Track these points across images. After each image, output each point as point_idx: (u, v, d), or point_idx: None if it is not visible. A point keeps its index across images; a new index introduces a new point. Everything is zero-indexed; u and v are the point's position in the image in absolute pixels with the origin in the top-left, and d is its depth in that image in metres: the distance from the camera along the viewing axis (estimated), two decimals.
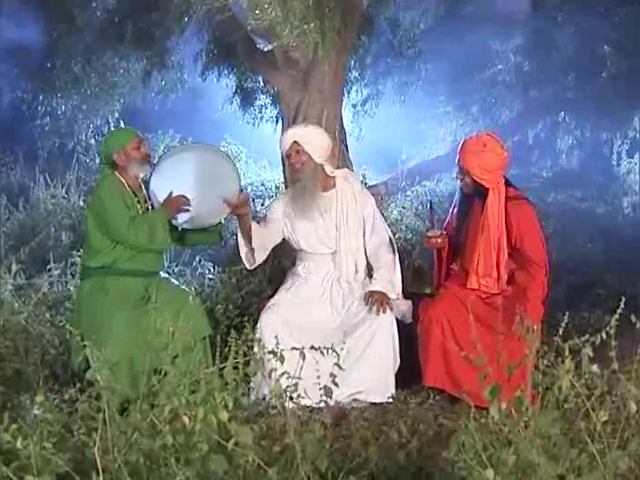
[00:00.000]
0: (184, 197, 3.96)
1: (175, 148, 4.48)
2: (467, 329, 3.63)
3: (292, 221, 4.16)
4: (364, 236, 4.16)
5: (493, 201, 3.96)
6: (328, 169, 4.16)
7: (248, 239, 4.09)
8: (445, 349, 3.87)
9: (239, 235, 4.13)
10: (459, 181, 4.07)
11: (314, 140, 4.08)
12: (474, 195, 4.04)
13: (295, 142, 4.06)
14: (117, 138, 4.03)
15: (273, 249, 4.28)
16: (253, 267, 4.22)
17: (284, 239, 4.24)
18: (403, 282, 4.20)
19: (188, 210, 3.97)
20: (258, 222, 4.19)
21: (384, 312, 3.91)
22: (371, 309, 3.92)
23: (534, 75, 10.45)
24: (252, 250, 4.11)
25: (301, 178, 4.10)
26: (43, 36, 7.19)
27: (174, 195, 3.96)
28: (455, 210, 4.20)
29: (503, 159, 3.97)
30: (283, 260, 5.05)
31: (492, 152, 3.94)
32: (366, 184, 8.70)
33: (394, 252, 4.18)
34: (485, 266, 3.99)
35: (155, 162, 4.08)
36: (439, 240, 4.11)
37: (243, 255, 4.15)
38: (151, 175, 4.04)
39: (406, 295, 4.20)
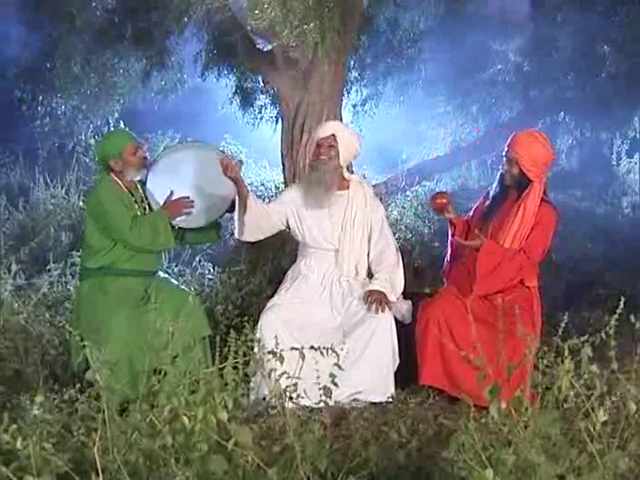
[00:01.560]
0: (186, 199, 3.96)
1: (171, 147, 4.47)
2: (465, 329, 3.66)
3: (300, 211, 4.18)
4: (369, 242, 4.17)
5: (534, 195, 4.02)
6: (346, 173, 4.20)
7: (243, 210, 4.06)
8: (443, 348, 3.87)
9: (236, 204, 4.10)
10: (503, 172, 4.09)
11: (349, 144, 4.12)
12: (513, 188, 4.07)
13: (333, 135, 4.09)
14: (113, 143, 3.98)
15: (273, 250, 4.28)
16: (240, 238, 4.21)
17: (289, 231, 4.25)
18: (404, 283, 4.19)
19: (191, 212, 3.97)
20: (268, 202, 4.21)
21: (382, 311, 3.91)
22: (370, 308, 3.92)
23: (534, 75, 10.44)
24: (244, 223, 4.10)
25: (321, 170, 4.10)
26: (42, 36, 7.18)
27: (175, 197, 3.96)
28: (486, 201, 4.20)
29: (551, 155, 4.07)
30: (283, 260, 5.05)
31: (543, 146, 4.04)
32: None
33: (398, 257, 4.19)
34: None
35: (151, 163, 4.08)
36: (444, 200, 4.15)
37: (236, 224, 4.14)
38: (148, 174, 4.03)
39: (406, 295, 4.20)
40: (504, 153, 4.08)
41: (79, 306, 3.95)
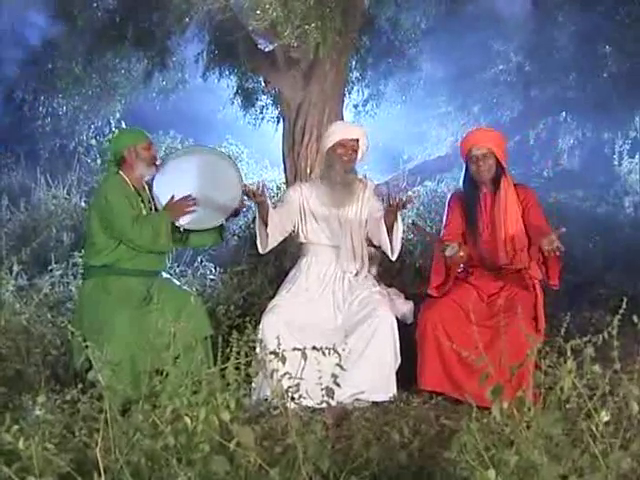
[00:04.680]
0: (188, 197, 3.98)
1: (178, 151, 4.50)
2: (465, 331, 3.66)
3: (309, 209, 4.22)
4: (369, 232, 4.17)
5: (509, 182, 4.11)
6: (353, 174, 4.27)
7: (264, 224, 4.09)
8: (442, 351, 3.87)
9: (257, 221, 4.13)
10: (475, 170, 4.08)
11: (366, 149, 4.24)
12: (487, 182, 4.10)
13: (357, 140, 4.17)
14: (130, 136, 4.09)
15: (274, 250, 4.29)
16: (265, 251, 4.21)
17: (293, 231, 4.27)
18: (404, 283, 4.20)
19: (193, 211, 3.99)
20: (275, 206, 4.23)
21: (404, 207, 3.87)
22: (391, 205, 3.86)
23: (535, 75, 10.44)
24: (267, 235, 4.11)
25: (347, 172, 4.19)
26: (44, 36, 7.18)
27: (177, 198, 3.98)
28: (460, 207, 4.18)
29: (506, 141, 4.23)
30: (285, 261, 5.05)
31: (500, 134, 4.21)
32: None
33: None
34: (518, 242, 4.07)
35: (159, 164, 4.11)
36: (461, 254, 3.96)
37: (259, 241, 4.15)
38: (154, 177, 4.06)
39: (407, 296, 4.20)
40: (470, 153, 4.08)
41: (81, 306, 3.95)
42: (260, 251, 4.20)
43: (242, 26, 5.49)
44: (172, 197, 4.02)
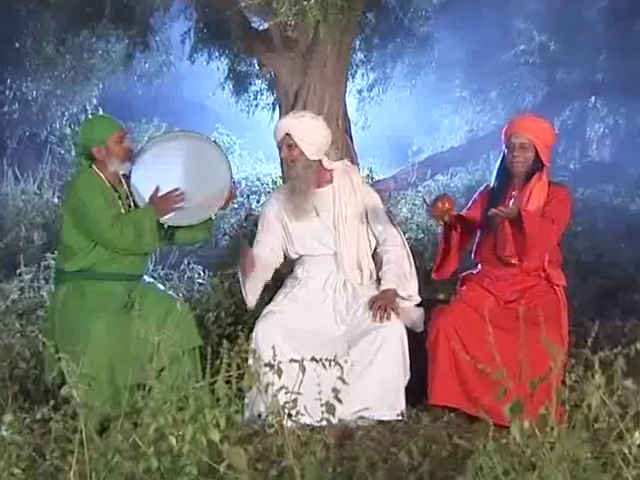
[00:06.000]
0: (175, 192, 3.97)
1: (158, 137, 4.48)
2: (481, 339, 3.66)
3: (287, 224, 4.19)
4: (372, 231, 4.17)
5: (545, 179, 4.11)
6: (326, 162, 4.18)
7: (253, 281, 4.14)
8: (456, 362, 3.87)
9: (242, 278, 4.18)
10: (511, 160, 4.10)
11: (308, 135, 4.06)
12: (520, 177, 4.11)
13: (287, 135, 4.06)
14: (98, 129, 3.99)
15: None
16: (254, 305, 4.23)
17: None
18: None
19: (181, 207, 3.98)
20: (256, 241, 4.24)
21: (387, 319, 3.91)
22: (374, 317, 3.92)
23: (561, 55, 10.46)
24: (255, 288, 4.16)
25: (292, 176, 4.13)
26: (10, 11, 7.17)
27: (163, 192, 3.96)
28: (486, 197, 4.21)
29: (554, 138, 4.22)
30: (281, 265, 5.05)
31: (549, 127, 4.21)
32: (372, 178, 8.74)
33: (406, 247, 4.19)
34: None
35: (136, 154, 4.08)
36: (447, 205, 3.96)
37: (245, 295, 4.19)
38: (132, 167, 4.04)
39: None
40: (512, 139, 4.09)
41: (54, 314, 3.95)
42: (250, 306, 4.21)
43: (234, 2, 5.49)
44: (157, 189, 3.99)
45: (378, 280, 4.17)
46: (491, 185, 4.29)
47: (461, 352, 3.79)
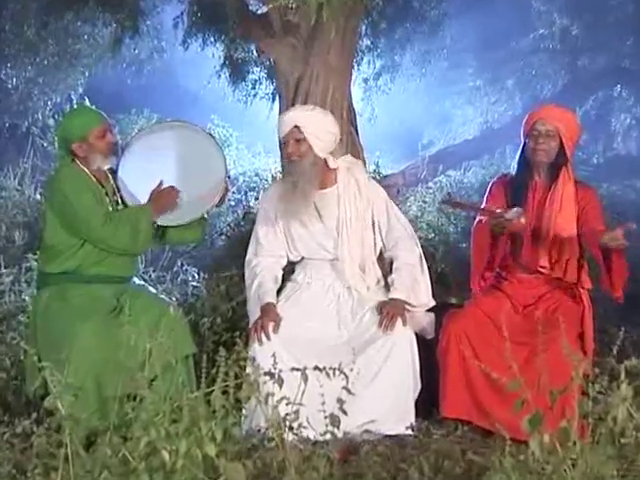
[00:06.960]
0: (172, 189, 3.97)
1: (148, 128, 4.48)
2: (494, 347, 3.67)
3: (286, 225, 4.16)
4: (380, 233, 4.17)
5: (570, 177, 4.12)
6: (331, 161, 4.14)
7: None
8: (469, 372, 3.87)
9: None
10: (534, 148, 4.09)
11: (320, 128, 4.03)
12: (542, 168, 4.12)
13: (296, 127, 4.01)
14: (77, 124, 3.98)
15: None
16: None
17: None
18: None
19: (176, 205, 3.99)
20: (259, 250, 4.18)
21: (391, 329, 3.90)
22: (380, 324, 3.92)
23: (583, 41, 10.45)
24: None
25: (295, 173, 4.07)
26: None
27: (156, 187, 3.96)
28: (506, 189, 4.21)
29: (580, 133, 4.29)
30: None
31: (577, 121, 4.27)
32: (380, 174, 8.74)
33: (417, 250, 4.18)
34: (568, 248, 4.08)
35: (124, 146, 4.09)
36: (523, 220, 3.95)
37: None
38: (120, 160, 4.04)
39: None
40: (533, 127, 4.09)
41: (36, 319, 3.96)
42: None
43: None
44: (161, 183, 3.98)
45: (387, 285, 4.17)
46: (508, 176, 4.29)
47: (473, 361, 3.80)
